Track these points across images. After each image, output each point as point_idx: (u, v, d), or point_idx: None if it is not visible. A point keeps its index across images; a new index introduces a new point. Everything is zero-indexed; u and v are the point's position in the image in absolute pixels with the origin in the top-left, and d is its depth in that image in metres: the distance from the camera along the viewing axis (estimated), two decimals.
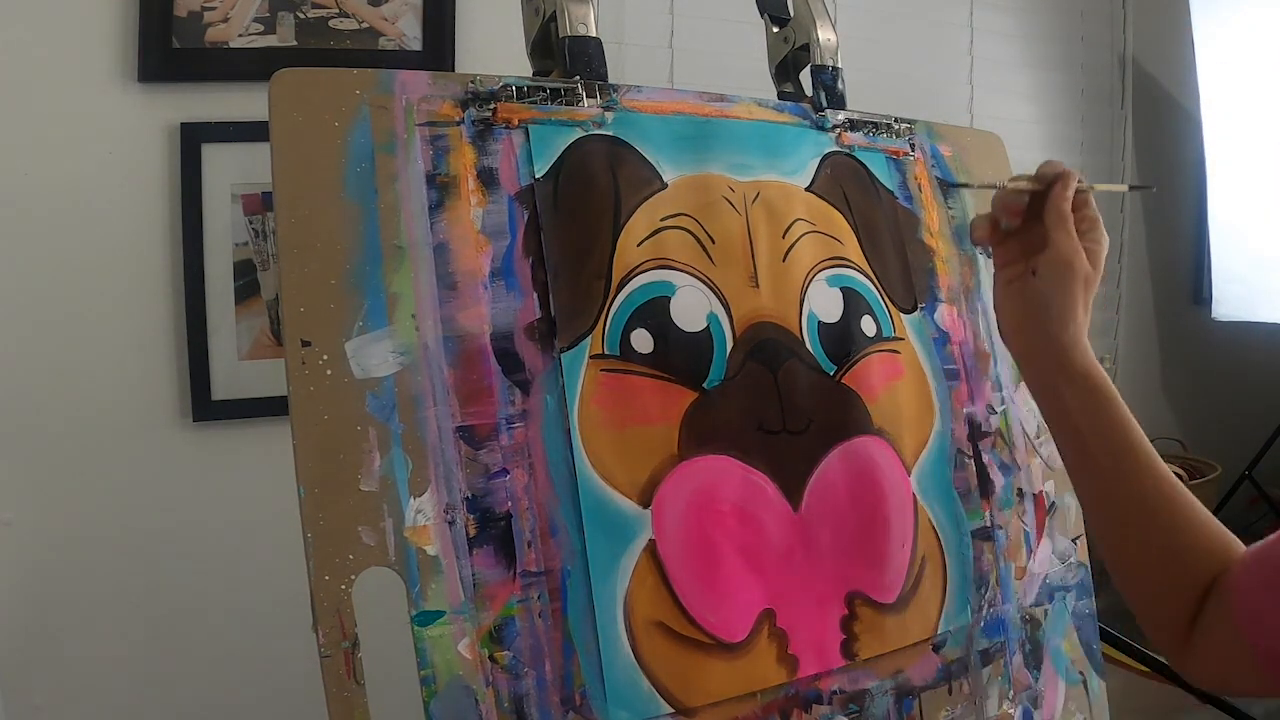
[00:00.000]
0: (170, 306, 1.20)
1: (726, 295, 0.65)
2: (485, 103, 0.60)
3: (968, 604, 0.71)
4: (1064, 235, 0.62)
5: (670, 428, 0.60)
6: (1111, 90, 2.03)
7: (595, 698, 0.55)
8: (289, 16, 1.23)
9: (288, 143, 0.54)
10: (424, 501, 0.53)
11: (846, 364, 0.69)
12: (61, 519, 1.15)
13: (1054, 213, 0.63)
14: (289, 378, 0.52)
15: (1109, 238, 0.65)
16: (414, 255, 0.56)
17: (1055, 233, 0.63)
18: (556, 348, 0.58)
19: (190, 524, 1.19)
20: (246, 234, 1.22)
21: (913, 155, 0.79)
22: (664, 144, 0.65)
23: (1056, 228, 0.63)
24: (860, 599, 0.65)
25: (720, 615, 0.59)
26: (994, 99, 1.80)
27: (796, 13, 0.75)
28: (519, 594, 0.54)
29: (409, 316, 0.55)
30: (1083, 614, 0.80)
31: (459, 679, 0.52)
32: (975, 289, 0.80)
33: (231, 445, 1.22)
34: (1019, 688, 0.74)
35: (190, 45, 1.18)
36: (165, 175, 1.19)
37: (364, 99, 0.56)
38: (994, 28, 1.82)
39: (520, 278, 0.58)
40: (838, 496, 0.65)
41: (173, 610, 1.20)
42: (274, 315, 1.23)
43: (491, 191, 0.59)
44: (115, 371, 1.17)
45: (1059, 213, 0.63)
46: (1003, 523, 0.75)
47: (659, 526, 0.58)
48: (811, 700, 0.62)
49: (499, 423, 0.56)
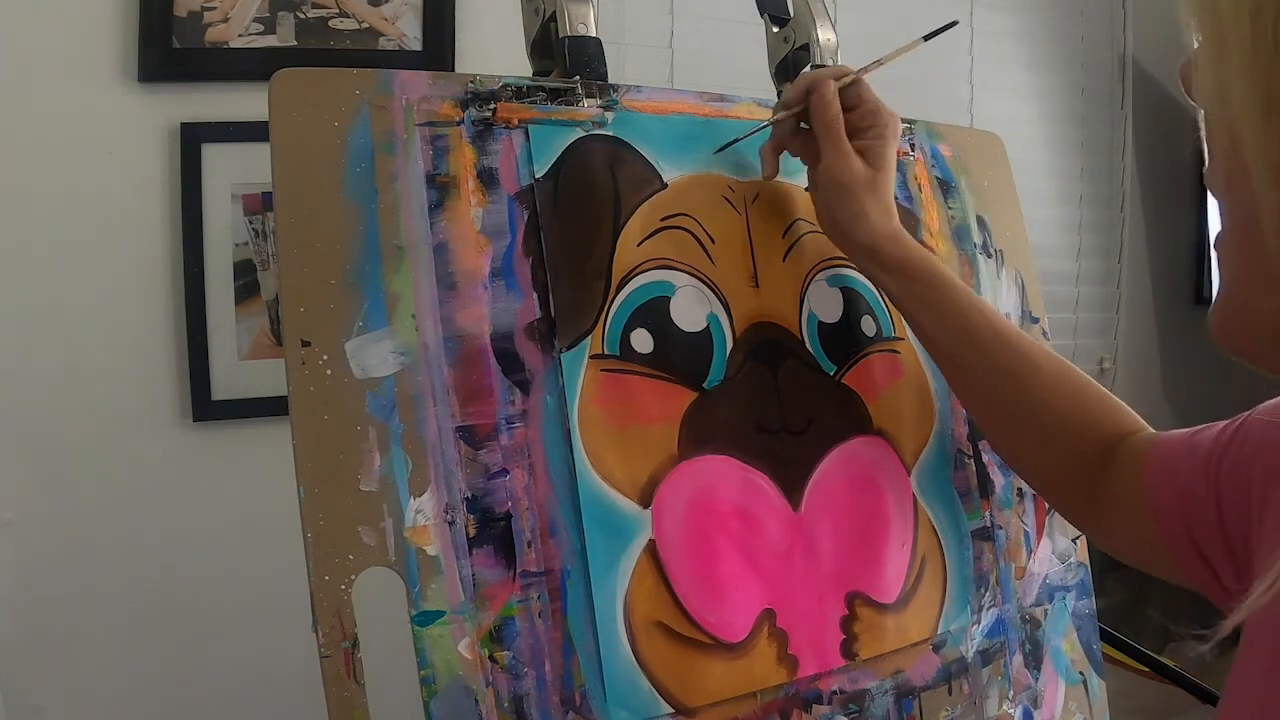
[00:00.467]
0: (170, 306, 1.20)
1: (726, 295, 0.65)
2: (485, 103, 0.60)
3: (968, 604, 0.71)
4: (829, 147, 0.62)
5: (670, 428, 0.60)
6: (1111, 90, 2.03)
7: (595, 698, 0.55)
8: (289, 16, 1.23)
9: (288, 143, 0.54)
10: (424, 501, 0.53)
11: (846, 364, 0.69)
12: (61, 519, 1.15)
13: (817, 125, 0.63)
14: (289, 378, 0.52)
15: (898, 123, 0.64)
16: (414, 255, 0.56)
17: (822, 145, 0.63)
18: (556, 348, 0.58)
19: (190, 524, 1.19)
20: (246, 234, 1.22)
21: (912, 155, 0.79)
22: (664, 144, 0.65)
23: (823, 140, 0.63)
24: (860, 599, 0.65)
25: (720, 615, 0.59)
26: (994, 99, 1.80)
27: (796, 13, 0.75)
28: (519, 594, 0.54)
29: (409, 316, 0.55)
30: (1083, 614, 0.80)
31: (459, 679, 0.52)
32: (975, 289, 0.80)
33: (231, 445, 1.22)
34: (1019, 688, 0.74)
35: (190, 45, 1.18)
36: (165, 175, 1.19)
37: (364, 99, 0.56)
38: (994, 28, 1.82)
39: (520, 278, 0.58)
40: (838, 496, 0.65)
41: (173, 610, 1.19)
42: (274, 315, 1.22)
43: (491, 191, 0.59)
44: (115, 371, 1.17)
45: (822, 123, 0.63)
46: (1003, 523, 0.75)
47: (659, 526, 0.58)
48: (811, 700, 0.62)
49: (499, 423, 0.56)
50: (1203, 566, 0.50)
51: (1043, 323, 0.84)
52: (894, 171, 0.64)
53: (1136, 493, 0.55)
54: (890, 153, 0.63)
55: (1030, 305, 0.84)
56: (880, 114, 0.63)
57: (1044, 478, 0.65)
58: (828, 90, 0.62)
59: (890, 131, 0.63)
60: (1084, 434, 0.60)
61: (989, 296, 0.80)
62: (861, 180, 0.62)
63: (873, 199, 0.62)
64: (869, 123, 0.63)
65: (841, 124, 0.63)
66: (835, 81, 0.63)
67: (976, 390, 0.65)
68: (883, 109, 0.63)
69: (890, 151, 0.63)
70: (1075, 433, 0.60)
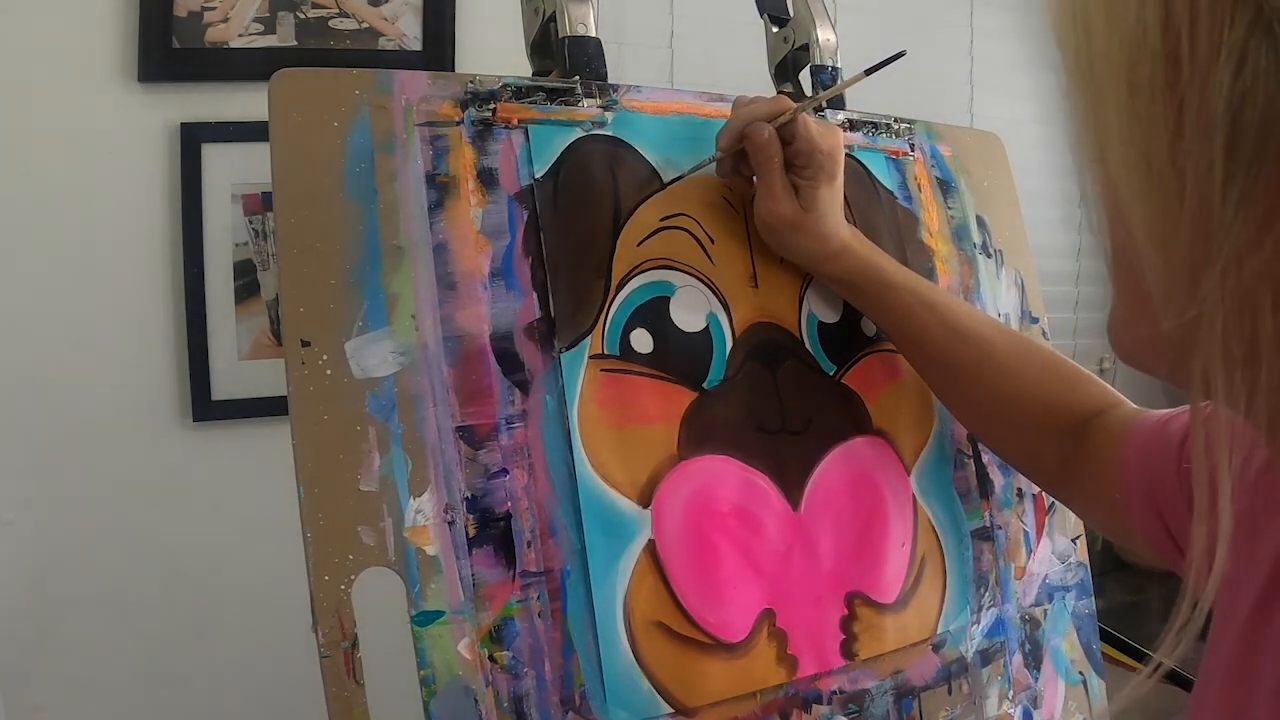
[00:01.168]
0: (170, 306, 1.20)
1: (726, 295, 0.65)
2: (485, 103, 0.60)
3: (967, 604, 0.71)
4: (761, 191, 0.63)
5: (670, 428, 0.60)
6: None
7: (595, 698, 0.55)
8: (289, 16, 1.23)
9: (287, 143, 0.54)
10: (424, 501, 0.53)
11: (846, 364, 0.69)
12: (61, 519, 1.15)
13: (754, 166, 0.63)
14: (289, 378, 0.52)
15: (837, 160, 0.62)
16: (413, 255, 0.56)
17: (757, 188, 0.64)
18: (556, 348, 0.58)
19: (190, 524, 1.19)
20: (246, 234, 1.22)
21: (912, 155, 0.79)
22: (664, 144, 0.65)
23: (758, 183, 0.64)
24: (860, 599, 0.65)
25: (720, 615, 0.59)
26: (994, 99, 1.80)
27: (796, 13, 0.75)
28: (519, 594, 0.54)
29: (408, 316, 0.55)
30: (1083, 614, 0.80)
31: (459, 679, 0.52)
32: (975, 289, 0.80)
33: (231, 445, 1.22)
34: (1019, 688, 0.74)
35: (190, 45, 1.18)
36: (165, 175, 1.19)
37: (363, 99, 0.56)
38: (994, 28, 1.81)
39: (520, 278, 0.58)
40: (837, 496, 0.65)
41: (172, 610, 1.20)
42: (274, 315, 1.23)
43: (491, 191, 0.59)
44: (115, 371, 1.17)
45: (755, 168, 0.63)
46: (1002, 523, 0.75)
47: (658, 526, 0.58)
48: (811, 700, 0.62)
49: (499, 423, 0.56)
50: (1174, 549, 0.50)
51: (1043, 323, 0.84)
52: (828, 210, 0.62)
53: (1112, 471, 0.55)
54: (822, 194, 0.62)
55: (1030, 305, 0.84)
56: (814, 154, 0.61)
57: (1019, 456, 0.68)
58: (759, 135, 0.60)
59: (824, 173, 0.61)
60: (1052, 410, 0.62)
61: (989, 296, 0.80)
62: (787, 223, 0.62)
63: (802, 238, 0.63)
64: (803, 161, 0.61)
65: (776, 166, 0.61)
66: (769, 124, 0.60)
67: (942, 384, 0.68)
68: (817, 148, 0.61)
69: (822, 193, 0.62)
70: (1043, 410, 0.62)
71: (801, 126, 0.61)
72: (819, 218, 0.62)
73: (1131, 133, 0.28)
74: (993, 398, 0.64)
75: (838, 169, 0.62)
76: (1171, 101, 0.26)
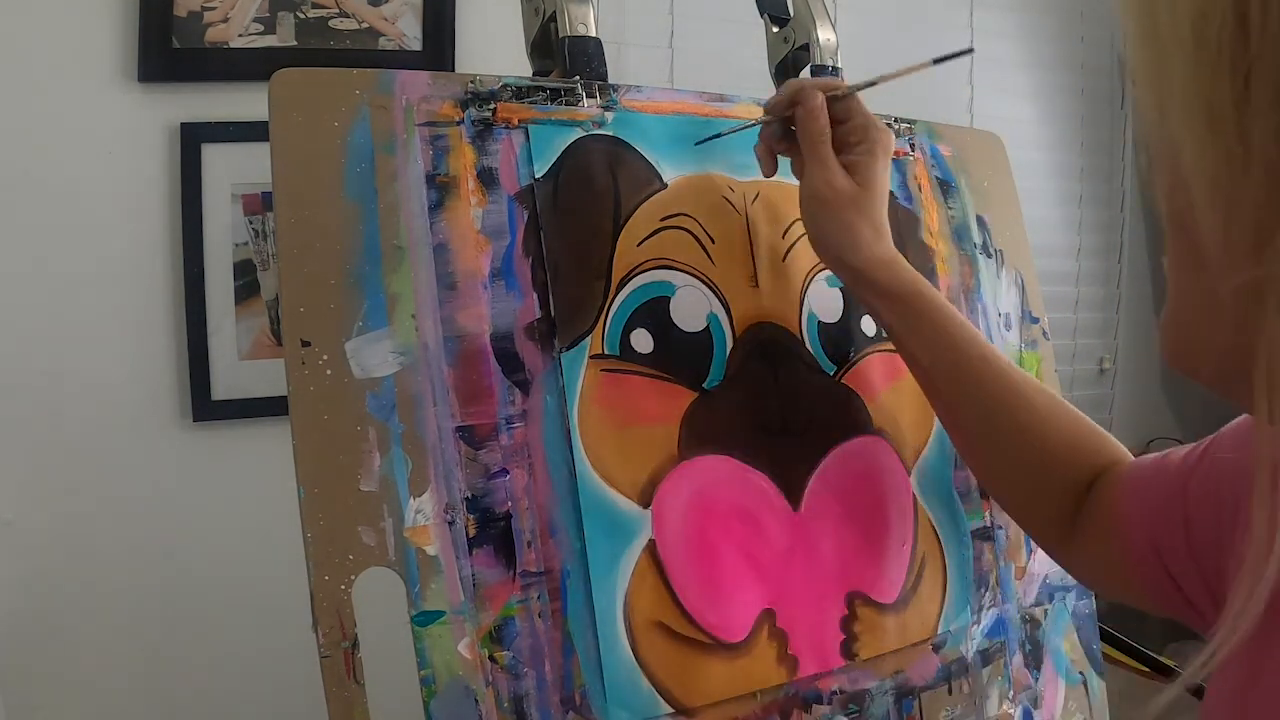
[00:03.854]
0: (170, 306, 1.20)
1: (726, 295, 0.65)
2: (485, 103, 0.60)
3: (968, 604, 0.71)
4: (812, 160, 0.59)
5: (670, 428, 0.60)
6: (1111, 90, 2.03)
7: (595, 698, 0.55)
8: (289, 16, 1.23)
9: (288, 143, 0.54)
10: (424, 501, 0.53)
11: (847, 364, 0.69)
12: (61, 519, 1.15)
13: (802, 137, 0.60)
14: (289, 378, 0.52)
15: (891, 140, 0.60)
16: (414, 255, 0.56)
17: (806, 158, 0.60)
18: (556, 348, 0.58)
19: (190, 524, 1.19)
20: (246, 234, 1.22)
21: (912, 155, 0.79)
22: (664, 144, 0.65)
23: (807, 153, 0.60)
24: (860, 599, 0.65)
25: (720, 615, 0.59)
26: (994, 99, 1.80)
27: (796, 13, 0.75)
28: (519, 594, 0.54)
29: (409, 316, 0.55)
30: (1083, 614, 0.80)
31: (459, 679, 0.52)
32: (975, 289, 0.80)
33: (231, 445, 1.22)
34: (1019, 688, 0.74)
35: (190, 45, 1.18)
36: (165, 175, 1.19)
37: (364, 99, 0.56)
38: (994, 28, 1.82)
39: (520, 278, 0.58)
40: (838, 497, 0.65)
41: (172, 610, 1.20)
42: (274, 315, 1.22)
43: (491, 191, 0.59)
44: (115, 371, 1.17)
45: (806, 136, 0.60)
46: (1003, 522, 0.75)
47: (659, 526, 0.58)
48: (811, 700, 0.62)
49: (499, 423, 0.56)
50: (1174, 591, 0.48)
51: (1043, 323, 0.84)
52: (884, 191, 0.60)
53: (1109, 517, 0.54)
54: (880, 170, 0.59)
55: (1030, 305, 0.84)
56: (870, 130, 0.59)
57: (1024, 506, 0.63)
58: (814, 102, 0.59)
59: (881, 149, 0.59)
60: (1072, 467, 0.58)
61: (989, 296, 0.80)
62: (846, 197, 0.58)
63: (860, 218, 0.59)
64: (858, 138, 0.60)
65: (827, 138, 0.59)
66: (823, 93, 0.59)
67: (966, 419, 0.62)
68: (873, 125, 0.60)
69: (880, 169, 0.59)
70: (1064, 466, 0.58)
71: (857, 104, 0.60)
72: (875, 197, 0.59)
73: (1197, 85, 0.28)
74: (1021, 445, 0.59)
75: (891, 144, 0.61)
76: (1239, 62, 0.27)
